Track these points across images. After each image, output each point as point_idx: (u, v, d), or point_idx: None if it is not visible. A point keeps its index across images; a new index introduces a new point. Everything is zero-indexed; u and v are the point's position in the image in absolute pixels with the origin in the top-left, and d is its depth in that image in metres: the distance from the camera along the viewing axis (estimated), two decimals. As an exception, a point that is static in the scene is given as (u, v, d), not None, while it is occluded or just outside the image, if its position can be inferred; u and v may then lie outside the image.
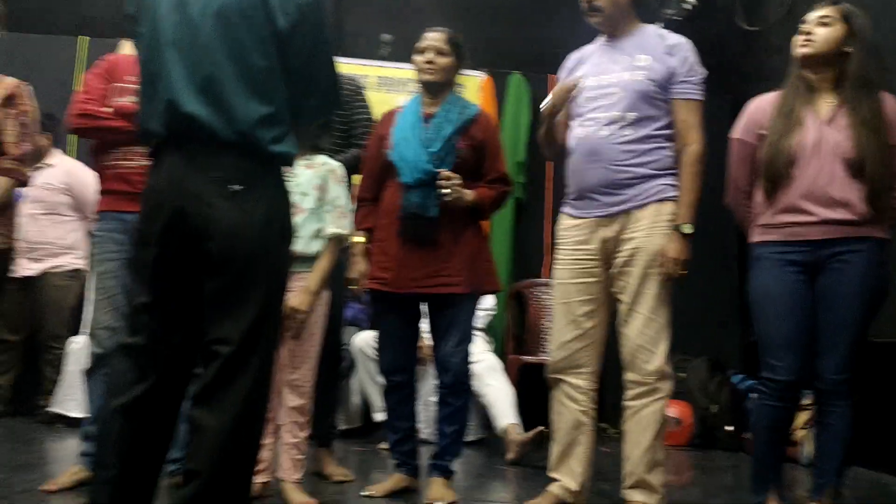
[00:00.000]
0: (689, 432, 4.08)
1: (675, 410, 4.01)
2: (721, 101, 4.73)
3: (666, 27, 4.42)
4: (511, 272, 4.54)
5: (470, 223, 2.62)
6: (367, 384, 3.76)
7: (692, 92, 2.42)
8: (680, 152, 2.42)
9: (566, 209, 2.56)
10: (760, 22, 4.67)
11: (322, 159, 2.57)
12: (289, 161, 1.68)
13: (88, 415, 2.62)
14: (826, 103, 2.33)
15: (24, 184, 2.54)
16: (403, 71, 4.56)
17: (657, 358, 2.37)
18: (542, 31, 4.77)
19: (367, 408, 3.87)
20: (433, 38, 2.64)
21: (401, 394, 2.67)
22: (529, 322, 4.43)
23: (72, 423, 3.71)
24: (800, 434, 3.67)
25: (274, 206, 1.62)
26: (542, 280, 4.46)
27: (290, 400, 2.45)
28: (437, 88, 2.65)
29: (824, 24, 2.32)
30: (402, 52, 4.63)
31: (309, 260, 2.48)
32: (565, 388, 2.51)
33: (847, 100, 2.29)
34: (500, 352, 4.34)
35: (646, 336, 2.37)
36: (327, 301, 2.54)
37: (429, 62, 2.61)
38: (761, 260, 2.36)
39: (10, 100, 2.50)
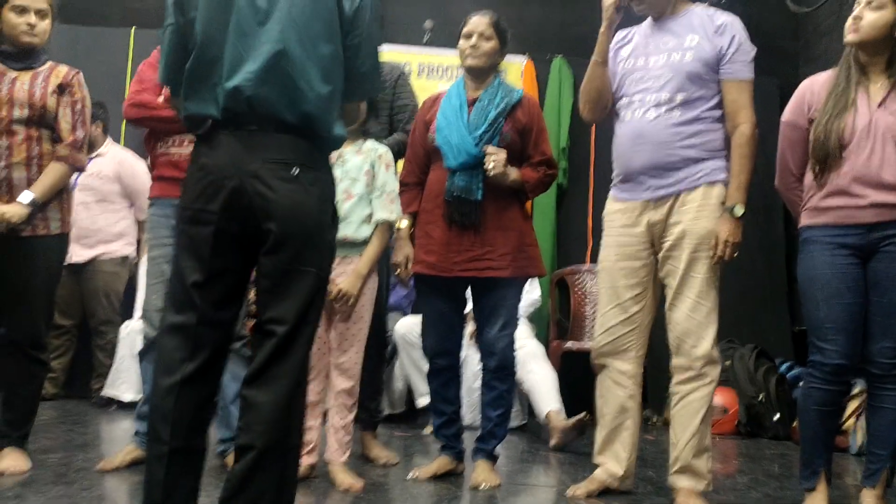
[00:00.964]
0: (736, 421, 4.03)
1: (721, 399, 3.96)
2: (769, 84, 4.64)
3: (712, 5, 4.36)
4: (554, 258, 4.53)
5: (515, 207, 2.62)
6: (410, 370, 3.78)
7: (742, 71, 2.38)
8: (731, 133, 2.39)
9: (613, 192, 2.54)
10: (808, 4, 4.56)
11: (371, 144, 2.59)
12: (341, 144, 1.73)
13: (142, 396, 2.69)
14: (878, 86, 2.28)
15: (80, 170, 2.61)
16: (445, 57, 4.56)
17: (705, 342, 2.34)
18: (584, 14, 4.71)
19: (410, 393, 3.90)
20: (477, 22, 2.63)
21: (445, 377, 2.68)
22: (573, 308, 4.41)
23: (124, 406, 3.82)
24: (849, 423, 3.60)
25: (327, 189, 1.67)
26: (586, 266, 4.43)
27: (339, 382, 2.49)
28: (482, 73, 2.64)
29: (874, 8, 2.27)
30: (443, 38, 4.65)
31: (359, 245, 2.51)
32: (611, 373, 2.50)
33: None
34: (544, 338, 4.33)
35: (693, 320, 2.34)
36: (375, 285, 2.57)
37: (473, 47, 2.61)
38: (810, 243, 2.32)
39: (64, 88, 2.56)
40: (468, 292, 2.70)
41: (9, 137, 2.46)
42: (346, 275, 2.48)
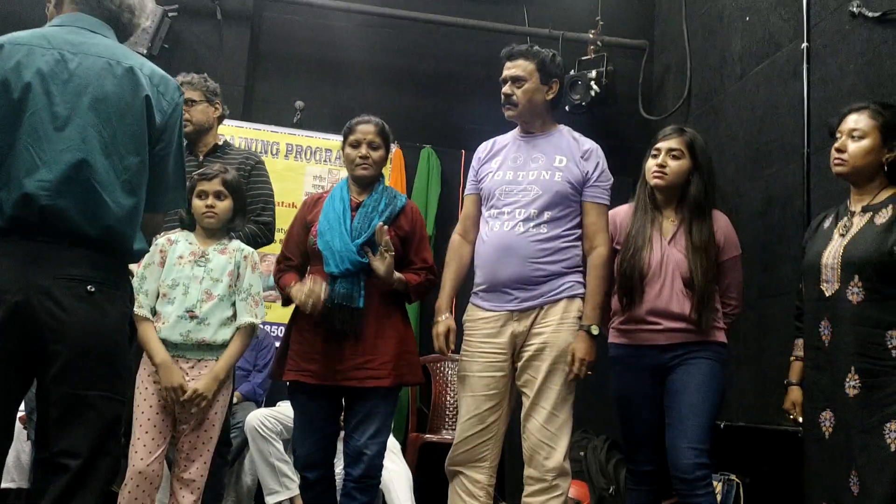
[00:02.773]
0: (587, 513, 4.08)
1: (574, 491, 4.00)
2: (623, 181, 4.90)
3: (573, 112, 4.60)
4: (418, 346, 4.48)
5: (395, 313, 2.56)
6: (261, 465, 3.58)
7: (602, 196, 2.52)
8: (588, 253, 2.49)
9: (476, 301, 2.56)
10: (658, 111, 4.91)
11: (236, 244, 2.52)
12: (140, 258, 1.65)
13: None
14: (669, 221, 2.54)
15: None
16: (314, 139, 4.53)
17: (557, 454, 2.37)
18: (455, 106, 4.85)
19: (259, 490, 3.69)
20: (365, 130, 2.57)
21: (318, 489, 2.53)
22: (434, 398, 4.37)
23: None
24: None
25: (125, 307, 1.57)
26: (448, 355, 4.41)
27: (182, 497, 2.32)
28: (370, 181, 2.61)
29: (675, 157, 2.51)
30: (313, 120, 4.63)
31: (216, 348, 2.40)
32: (463, 482, 2.48)
33: (686, 220, 2.51)
34: (403, 428, 4.25)
35: (547, 432, 2.38)
36: (230, 392, 2.45)
37: (363, 157, 2.56)
38: (617, 362, 2.55)
39: None
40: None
41: None
42: (200, 379, 2.35)
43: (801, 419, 2.35)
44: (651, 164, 2.56)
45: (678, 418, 2.38)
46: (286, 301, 2.56)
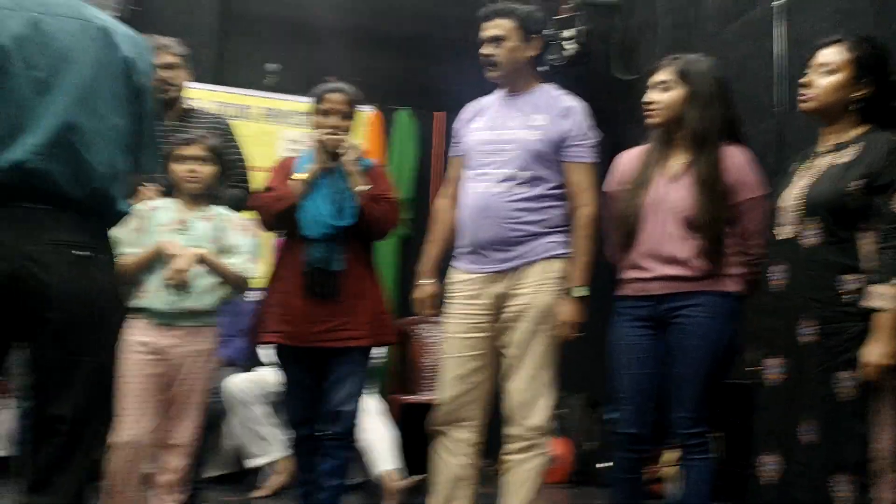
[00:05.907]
0: (567, 469, 4.17)
1: (554, 448, 4.08)
2: (599, 142, 4.91)
3: (547, 71, 4.58)
4: (395, 309, 4.50)
5: (370, 275, 2.61)
6: (242, 430, 3.61)
7: (585, 155, 2.48)
8: (573, 213, 2.47)
9: (457, 263, 2.57)
10: (634, 70, 4.90)
11: (217, 210, 2.51)
12: (122, 220, 1.65)
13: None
14: (678, 160, 2.34)
15: None
16: (289, 103, 4.47)
17: (538, 414, 2.40)
18: (431, 68, 4.79)
19: (241, 453, 3.72)
20: (336, 100, 2.56)
21: (309, 446, 2.59)
22: (412, 360, 4.41)
23: None
24: (667, 471, 3.82)
25: (115, 270, 1.58)
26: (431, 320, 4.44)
27: (170, 461, 2.35)
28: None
29: (664, 89, 2.32)
30: (287, 83, 4.56)
31: (203, 314, 2.40)
32: (448, 442, 2.51)
33: (691, 157, 2.31)
34: (383, 390, 4.29)
35: (528, 393, 2.40)
36: (210, 355, 2.45)
37: (334, 127, 2.55)
38: (617, 314, 2.40)
39: None
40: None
41: None
42: (191, 347, 2.37)
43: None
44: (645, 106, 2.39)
45: (675, 384, 2.27)
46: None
